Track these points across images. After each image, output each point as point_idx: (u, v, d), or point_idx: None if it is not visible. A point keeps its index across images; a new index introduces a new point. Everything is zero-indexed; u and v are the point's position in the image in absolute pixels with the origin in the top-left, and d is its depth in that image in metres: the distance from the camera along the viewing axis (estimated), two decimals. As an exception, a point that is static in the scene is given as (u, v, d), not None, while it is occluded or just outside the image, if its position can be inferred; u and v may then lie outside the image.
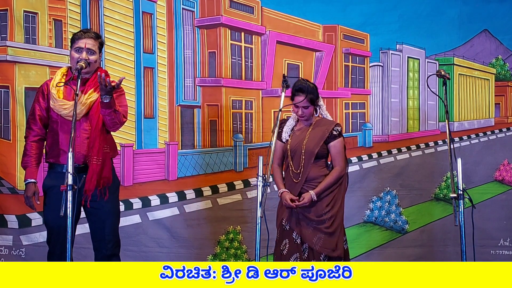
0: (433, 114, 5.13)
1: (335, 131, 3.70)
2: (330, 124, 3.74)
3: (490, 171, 5.10)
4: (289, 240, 3.68)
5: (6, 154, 4.54)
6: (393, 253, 4.88)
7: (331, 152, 3.72)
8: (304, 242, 3.65)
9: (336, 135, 3.70)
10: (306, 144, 3.68)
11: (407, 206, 5.00)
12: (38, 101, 3.46)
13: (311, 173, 3.67)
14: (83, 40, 3.38)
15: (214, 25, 4.83)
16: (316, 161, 3.67)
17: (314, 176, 3.67)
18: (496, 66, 5.18)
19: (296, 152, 3.70)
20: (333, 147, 3.70)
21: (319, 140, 3.67)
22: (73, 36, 3.46)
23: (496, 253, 4.95)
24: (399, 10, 4.96)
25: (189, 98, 4.85)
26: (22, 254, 4.54)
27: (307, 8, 4.91)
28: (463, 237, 3.18)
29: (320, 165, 3.70)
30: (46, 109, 3.45)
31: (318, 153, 3.66)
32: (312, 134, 3.71)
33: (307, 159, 3.66)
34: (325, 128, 3.71)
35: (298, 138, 3.73)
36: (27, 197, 3.42)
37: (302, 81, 3.73)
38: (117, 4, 4.70)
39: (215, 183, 4.83)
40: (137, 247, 4.63)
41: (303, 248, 3.66)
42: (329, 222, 3.63)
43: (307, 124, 3.77)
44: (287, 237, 3.70)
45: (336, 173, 3.69)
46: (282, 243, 3.71)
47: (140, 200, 4.71)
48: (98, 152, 3.38)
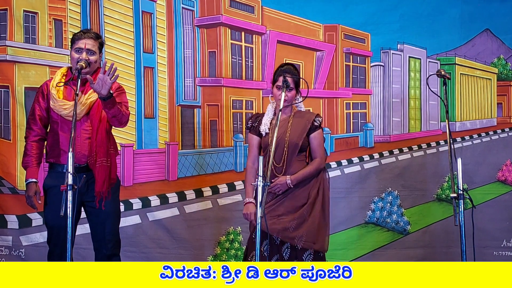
0: (434, 114, 5.11)
1: (316, 122, 3.61)
2: (311, 115, 3.65)
3: (492, 171, 5.08)
4: (270, 241, 3.49)
5: (6, 154, 4.54)
6: (395, 254, 4.86)
7: (312, 143, 3.61)
8: (285, 243, 3.53)
9: (317, 126, 3.61)
10: (289, 136, 3.56)
11: (409, 206, 4.98)
12: (38, 101, 3.47)
13: (293, 167, 3.55)
14: (83, 41, 3.39)
15: (214, 25, 4.83)
16: (298, 155, 3.57)
17: (295, 171, 3.55)
18: (497, 66, 5.16)
19: (279, 145, 3.54)
20: (313, 138, 3.60)
21: (301, 132, 3.57)
22: (73, 37, 3.47)
23: (499, 254, 4.93)
24: (400, 10, 4.95)
25: (189, 98, 4.85)
26: (22, 254, 4.54)
27: (307, 7, 4.91)
28: (463, 237, 3.17)
29: (301, 158, 3.61)
30: (46, 109, 3.46)
31: (301, 145, 3.55)
32: (294, 126, 3.59)
33: (291, 152, 3.55)
34: (306, 119, 3.61)
35: (279, 131, 3.53)
36: (29, 196, 3.42)
37: (287, 64, 3.67)
38: (117, 3, 4.70)
39: (215, 184, 4.82)
40: (137, 248, 4.62)
41: (284, 249, 3.54)
42: (307, 214, 3.50)
43: (285, 116, 3.63)
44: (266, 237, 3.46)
45: (316, 164, 3.58)
46: (262, 244, 3.45)
47: (140, 201, 4.70)
48: (107, 153, 3.40)
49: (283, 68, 3.60)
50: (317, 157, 3.60)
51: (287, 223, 3.50)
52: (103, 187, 3.37)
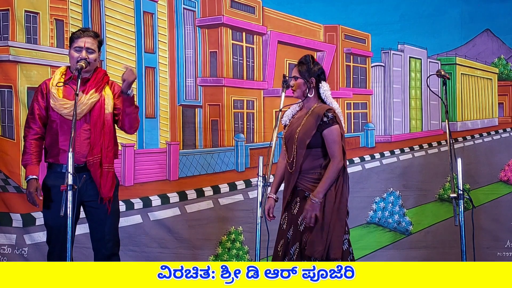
0: (435, 114, 5.10)
1: (326, 117, 3.33)
2: (322, 109, 3.37)
3: (494, 171, 5.07)
4: (285, 240, 3.41)
5: (11, 153, 4.55)
6: (397, 255, 4.85)
7: (325, 141, 3.35)
8: (294, 244, 3.36)
9: (327, 122, 3.33)
10: (299, 132, 3.39)
11: (411, 207, 4.97)
12: (37, 100, 3.47)
13: (304, 164, 3.37)
14: (82, 39, 3.39)
15: (215, 25, 4.84)
16: (309, 151, 3.36)
17: (308, 167, 3.38)
18: (498, 66, 5.15)
19: (290, 140, 3.43)
20: (325, 136, 3.34)
21: (310, 128, 3.35)
22: (72, 36, 3.48)
23: (503, 255, 4.91)
24: (401, 10, 4.96)
25: (191, 98, 4.85)
26: (25, 253, 4.54)
27: (308, 8, 4.92)
28: (463, 237, 3.17)
29: (314, 154, 3.38)
30: (45, 108, 3.45)
31: (310, 142, 3.34)
32: (307, 122, 3.39)
33: (299, 148, 3.36)
34: (317, 115, 3.36)
35: (293, 125, 3.45)
36: (30, 192, 3.39)
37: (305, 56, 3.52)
38: (118, 4, 4.71)
39: (216, 183, 4.83)
40: (139, 248, 4.63)
41: (292, 250, 3.36)
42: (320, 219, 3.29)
43: (305, 111, 3.46)
44: (283, 236, 3.42)
45: (333, 167, 3.31)
46: (279, 243, 3.44)
47: (141, 200, 4.71)
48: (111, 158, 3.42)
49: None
50: (332, 156, 3.33)
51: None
52: (110, 192, 3.39)
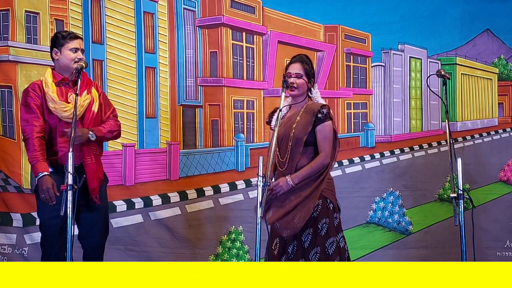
0: (435, 114, 5.10)
1: (320, 113, 3.37)
2: (316, 106, 3.42)
3: (494, 171, 5.06)
4: (280, 239, 3.42)
5: (12, 153, 4.55)
6: (397, 255, 4.85)
7: (317, 137, 3.38)
8: (292, 241, 3.37)
9: (321, 117, 3.37)
10: (295, 130, 3.40)
11: (411, 206, 4.97)
12: (33, 99, 3.41)
13: (300, 162, 3.38)
14: (77, 41, 3.47)
15: (216, 25, 4.84)
16: (305, 149, 3.38)
17: (303, 166, 3.38)
18: (498, 66, 5.15)
19: (284, 138, 3.42)
20: (318, 131, 3.37)
21: (306, 126, 3.38)
22: (61, 36, 3.48)
23: (502, 255, 4.91)
24: (401, 10, 4.96)
25: (191, 98, 4.86)
26: (25, 253, 4.54)
27: (308, 8, 4.92)
28: (463, 237, 3.17)
29: (309, 153, 3.41)
30: (40, 108, 3.42)
31: (307, 140, 3.36)
32: (302, 120, 3.41)
33: (295, 147, 3.38)
34: (312, 111, 3.40)
35: (287, 124, 3.45)
36: (48, 188, 3.22)
37: (303, 55, 3.57)
38: (119, 4, 4.71)
39: (216, 183, 4.83)
40: (139, 247, 4.63)
41: (290, 249, 3.39)
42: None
43: (296, 110, 3.50)
44: (277, 235, 3.43)
45: (319, 159, 3.35)
46: (273, 242, 3.45)
47: (142, 200, 4.71)
48: (94, 154, 3.44)
49: (294, 59, 3.53)
50: (320, 151, 3.37)
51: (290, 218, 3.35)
52: (94, 183, 3.39)
